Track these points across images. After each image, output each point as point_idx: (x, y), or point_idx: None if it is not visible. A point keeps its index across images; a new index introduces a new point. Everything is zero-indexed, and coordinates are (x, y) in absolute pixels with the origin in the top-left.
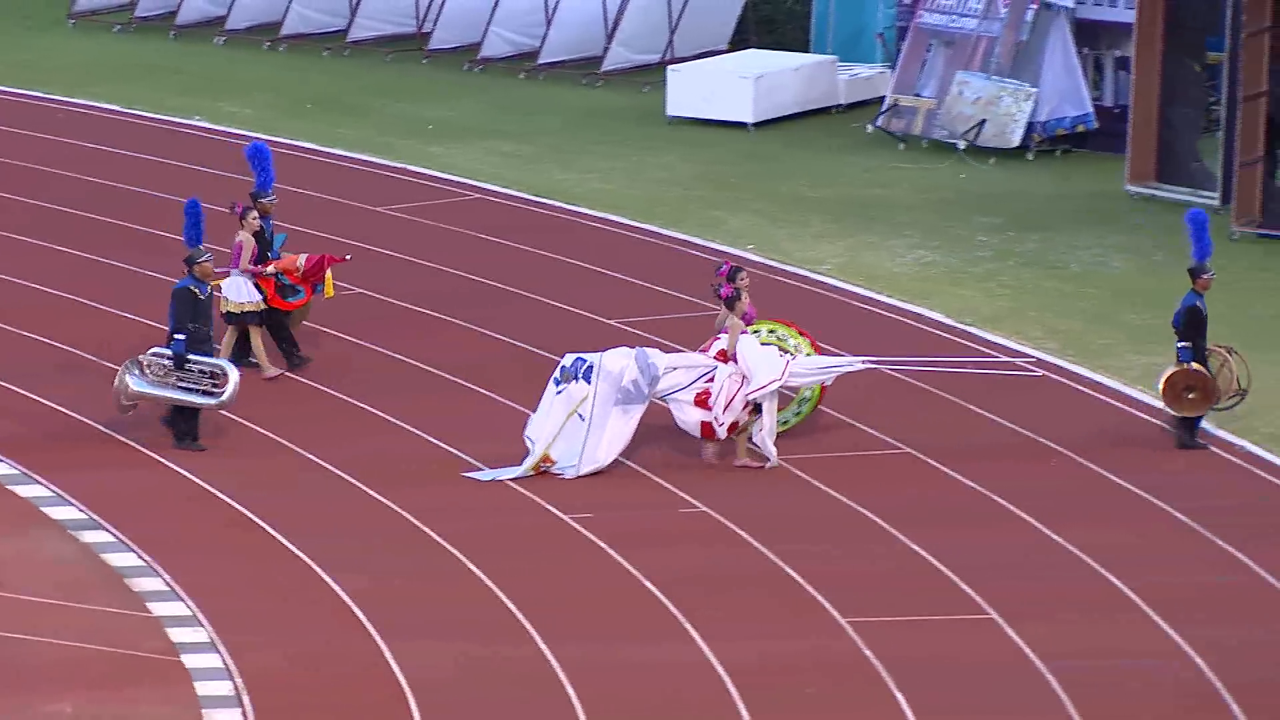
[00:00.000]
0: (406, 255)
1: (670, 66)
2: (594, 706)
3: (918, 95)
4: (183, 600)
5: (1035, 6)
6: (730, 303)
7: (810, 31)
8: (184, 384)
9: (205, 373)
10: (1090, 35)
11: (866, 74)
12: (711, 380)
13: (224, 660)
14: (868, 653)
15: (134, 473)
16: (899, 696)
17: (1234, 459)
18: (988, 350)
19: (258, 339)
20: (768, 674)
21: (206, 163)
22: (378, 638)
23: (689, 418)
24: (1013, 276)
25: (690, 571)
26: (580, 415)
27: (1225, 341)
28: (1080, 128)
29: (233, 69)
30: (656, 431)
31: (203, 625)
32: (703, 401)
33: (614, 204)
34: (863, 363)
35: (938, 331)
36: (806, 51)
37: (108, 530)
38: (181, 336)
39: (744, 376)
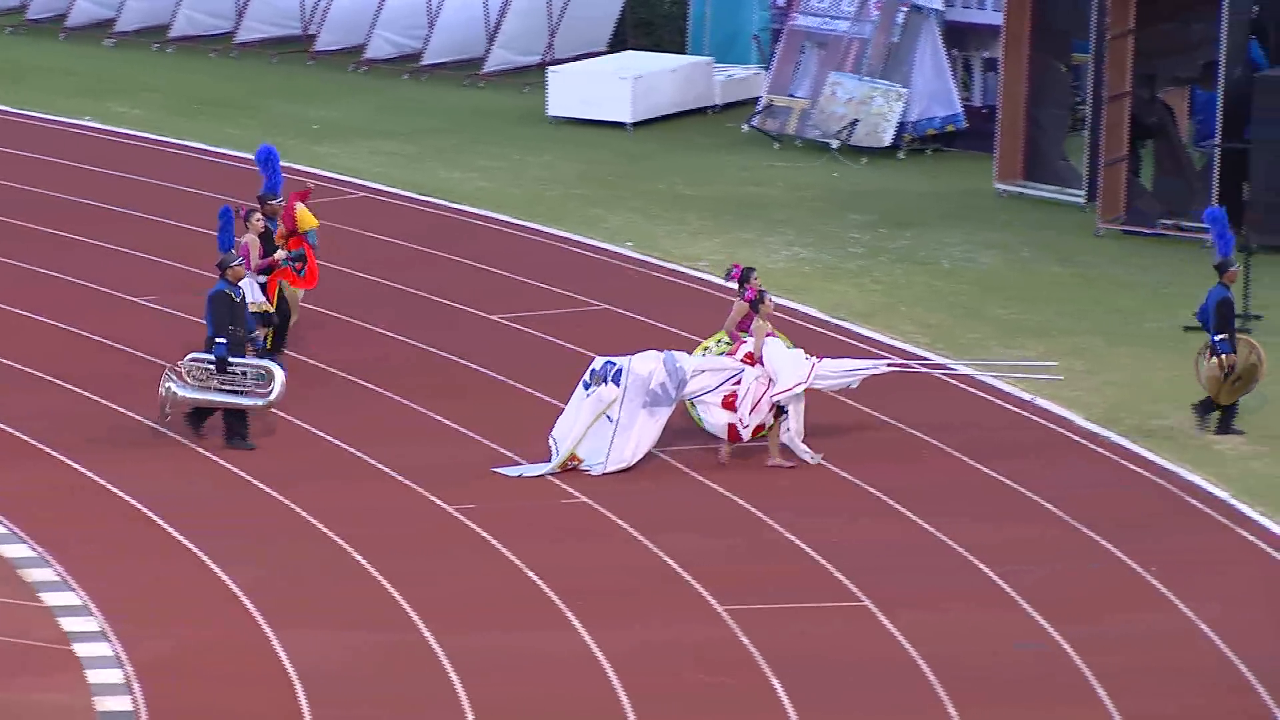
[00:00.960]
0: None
1: (550, 68)
2: (479, 696)
3: (792, 96)
4: (74, 590)
5: (906, 9)
6: (755, 305)
7: (687, 33)
8: (227, 386)
9: (248, 374)
10: (959, 37)
11: (742, 75)
12: (739, 383)
13: (114, 649)
14: (745, 641)
15: (27, 466)
16: (775, 684)
17: (1101, 450)
18: (861, 344)
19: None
20: (648, 662)
21: (97, 162)
22: (267, 628)
23: (716, 420)
24: (885, 272)
25: (572, 562)
26: (609, 417)
27: (1091, 334)
28: (950, 127)
29: (122, 70)
30: (537, 424)
31: (94, 615)
32: (730, 404)
33: (497, 202)
34: (887, 365)
35: (812, 326)
36: (683, 53)
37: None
38: (223, 341)
39: (770, 379)
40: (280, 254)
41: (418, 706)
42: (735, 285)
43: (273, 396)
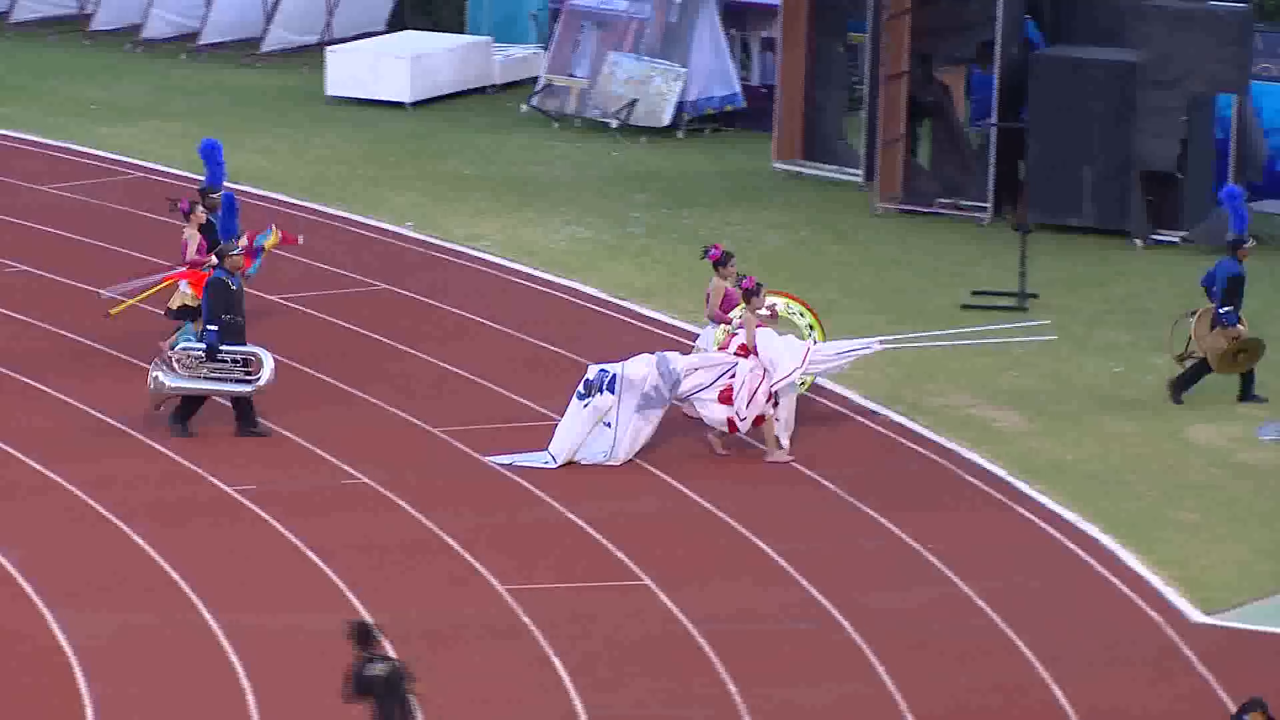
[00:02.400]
0: (73, 234)
1: (329, 48)
2: (258, 672)
3: (571, 75)
4: None
5: None
6: (749, 296)
7: (466, 13)
8: (216, 374)
9: (238, 361)
10: (738, 17)
11: (521, 54)
12: (734, 376)
13: None
14: (526, 620)
15: None
16: (556, 661)
17: (880, 428)
18: (643, 324)
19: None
20: (426, 640)
21: None
22: (41, 606)
23: (715, 415)
24: (665, 252)
25: (351, 541)
26: (606, 423)
27: (871, 312)
28: (729, 107)
29: None
30: (314, 401)
31: None
32: (727, 398)
33: (278, 182)
34: (879, 343)
35: (593, 306)
36: (462, 33)
37: None
38: (214, 328)
39: (765, 369)
40: (211, 259)
41: (195, 684)
42: (711, 264)
43: (262, 382)
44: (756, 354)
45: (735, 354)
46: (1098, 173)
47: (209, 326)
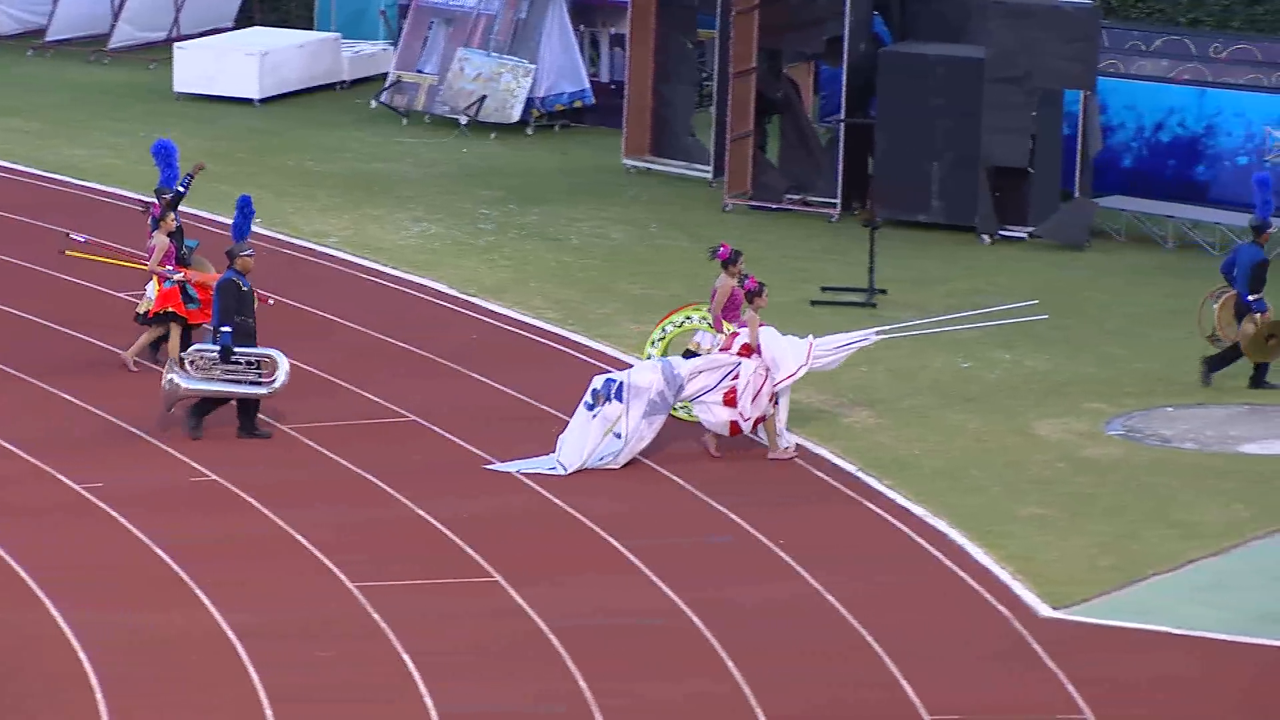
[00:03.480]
0: None
1: (176, 44)
2: (106, 671)
3: (420, 72)
4: None
5: None
6: (752, 296)
7: (315, 9)
8: (230, 376)
9: (252, 363)
10: (587, 13)
11: (370, 51)
12: (737, 377)
13: None
14: (376, 616)
15: None
16: (405, 657)
17: None
18: (492, 320)
19: (175, 337)
20: (279, 638)
21: None
22: None
23: (718, 418)
24: (515, 249)
25: (201, 538)
26: (616, 433)
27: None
28: (578, 103)
29: None
30: (153, 397)
31: None
32: (731, 400)
33: (125, 179)
34: (876, 334)
35: (442, 302)
36: (311, 29)
37: None
38: (227, 329)
39: (767, 369)
40: (180, 277)
41: (45, 684)
42: (720, 263)
43: (276, 385)
44: (759, 354)
45: (738, 354)
46: (945, 169)
47: (222, 328)
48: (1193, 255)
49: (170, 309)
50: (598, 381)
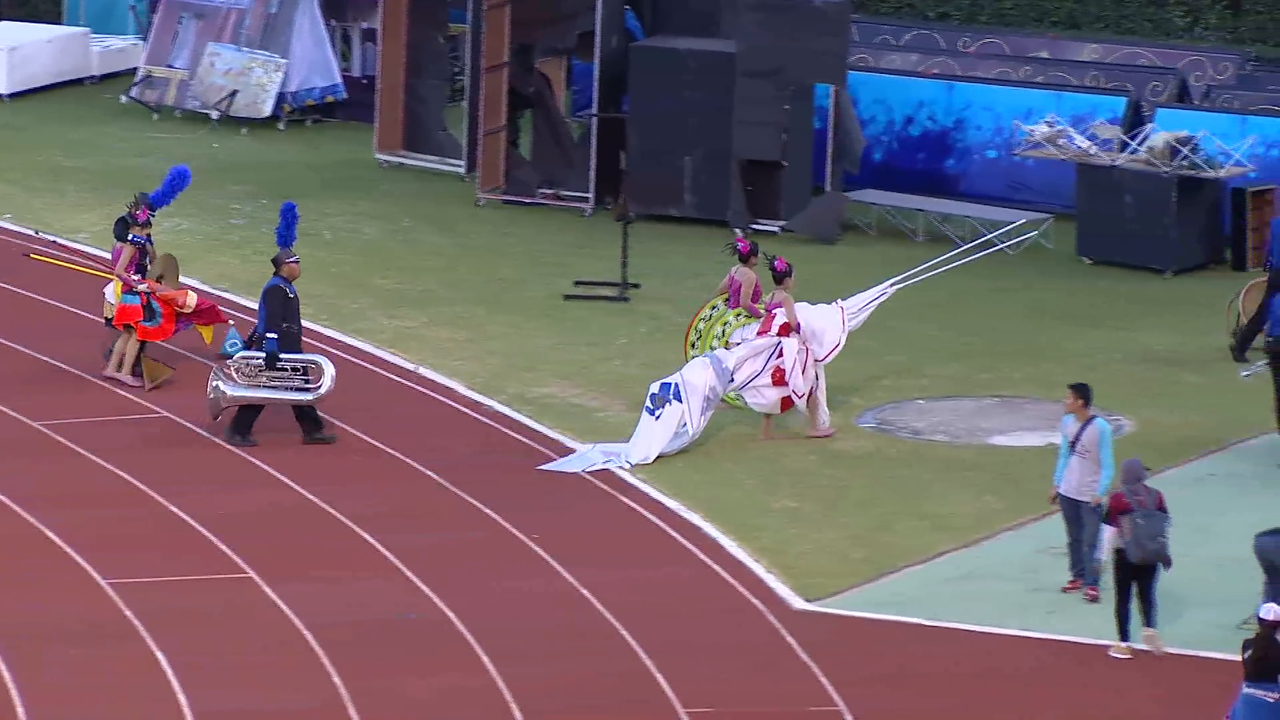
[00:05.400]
0: None
1: None
2: None
3: (170, 67)
4: None
5: None
6: (782, 277)
7: (63, 4)
8: (275, 382)
9: (298, 369)
10: (338, 8)
11: (120, 46)
12: (781, 355)
13: None
14: (129, 614)
15: None
16: (159, 655)
17: (484, 419)
18: (243, 315)
19: (126, 343)
20: (34, 638)
21: None
22: None
23: (768, 399)
24: (267, 244)
25: None
26: (683, 425)
27: (472, 303)
28: (330, 98)
29: None
30: None
31: None
32: (780, 379)
33: None
34: (892, 284)
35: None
36: (59, 24)
37: None
38: (273, 335)
39: (806, 343)
40: (145, 288)
41: None
42: (740, 258)
43: (323, 390)
44: (799, 331)
45: (777, 335)
46: (698, 163)
47: (268, 334)
48: (943, 248)
49: (129, 324)
50: (654, 387)
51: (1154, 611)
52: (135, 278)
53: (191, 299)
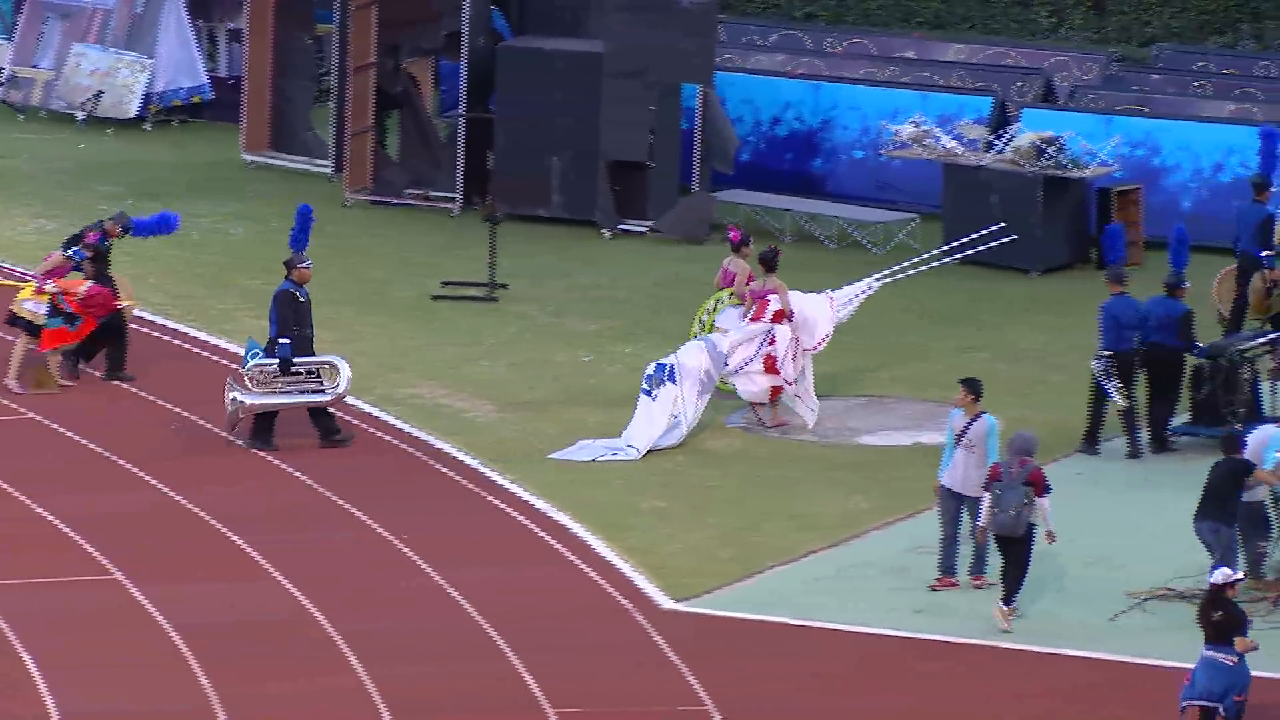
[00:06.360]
0: None
1: None
2: None
3: (35, 67)
4: None
5: None
6: (774, 263)
7: None
8: (291, 387)
9: (312, 372)
10: (204, 8)
11: None
12: (774, 343)
13: None
14: None
15: None
16: (25, 656)
17: (352, 420)
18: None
19: (21, 347)
20: None
21: None
22: None
23: (759, 386)
24: (134, 244)
25: None
26: (675, 415)
27: (341, 303)
28: (196, 98)
29: None
30: None
31: None
32: (772, 367)
33: None
34: (877, 279)
35: None
36: None
37: None
38: (286, 341)
39: (795, 330)
40: (52, 286)
41: None
42: (733, 247)
43: (340, 390)
44: (792, 318)
45: (770, 321)
46: (565, 163)
47: (281, 340)
48: (810, 247)
49: (26, 319)
50: (650, 368)
51: (1015, 590)
52: (49, 284)
53: (82, 287)
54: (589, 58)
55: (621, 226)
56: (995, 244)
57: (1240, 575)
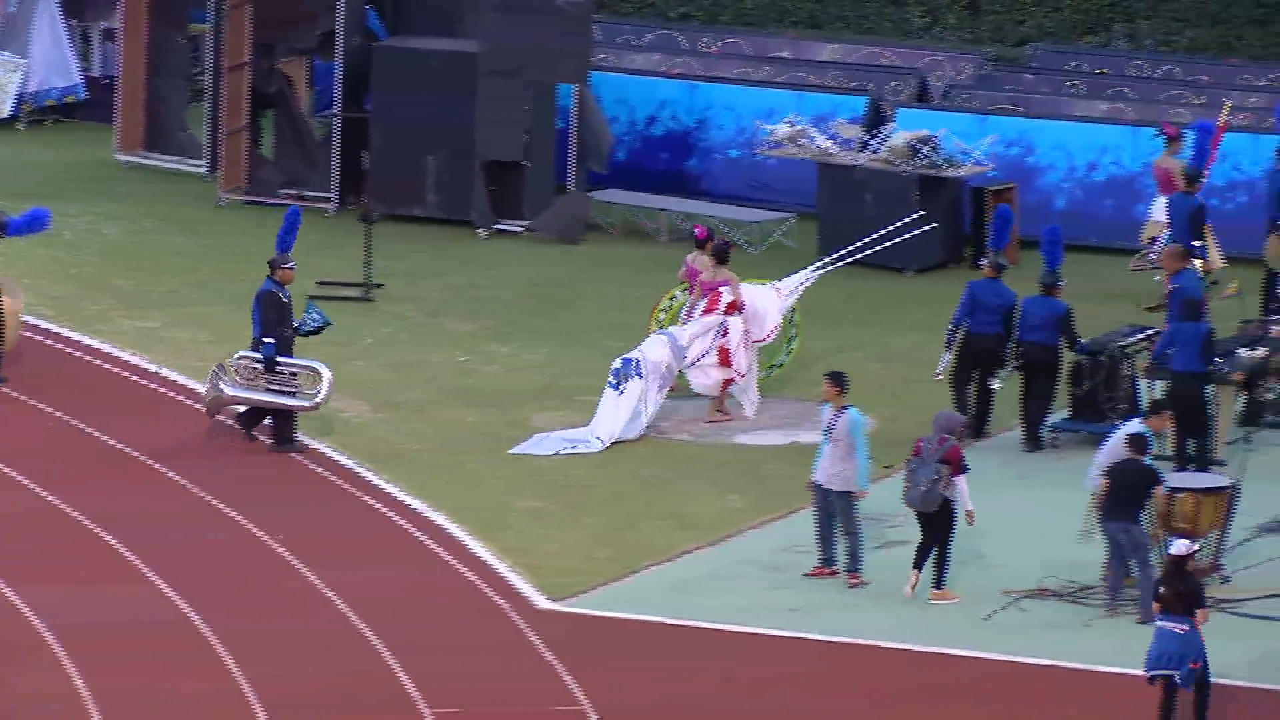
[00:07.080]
0: None
1: None
2: None
3: None
4: None
5: None
6: (726, 255)
7: None
8: (274, 386)
9: (295, 375)
10: (78, 7)
11: None
12: (726, 335)
13: None
14: None
15: None
16: None
17: (228, 421)
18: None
19: None
20: None
21: None
22: None
23: (711, 379)
24: (7, 245)
25: None
26: (638, 409)
27: (215, 303)
28: (70, 98)
29: None
30: None
31: None
32: (725, 360)
33: None
34: (816, 269)
35: None
36: None
37: None
38: (270, 341)
39: (746, 324)
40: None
41: None
42: (697, 243)
43: (320, 397)
44: (743, 309)
45: (724, 313)
46: (441, 163)
47: (266, 339)
48: (685, 247)
49: None
50: (617, 363)
51: (943, 571)
52: None
53: None
54: (464, 57)
55: (497, 226)
56: (918, 231)
57: (1198, 546)
